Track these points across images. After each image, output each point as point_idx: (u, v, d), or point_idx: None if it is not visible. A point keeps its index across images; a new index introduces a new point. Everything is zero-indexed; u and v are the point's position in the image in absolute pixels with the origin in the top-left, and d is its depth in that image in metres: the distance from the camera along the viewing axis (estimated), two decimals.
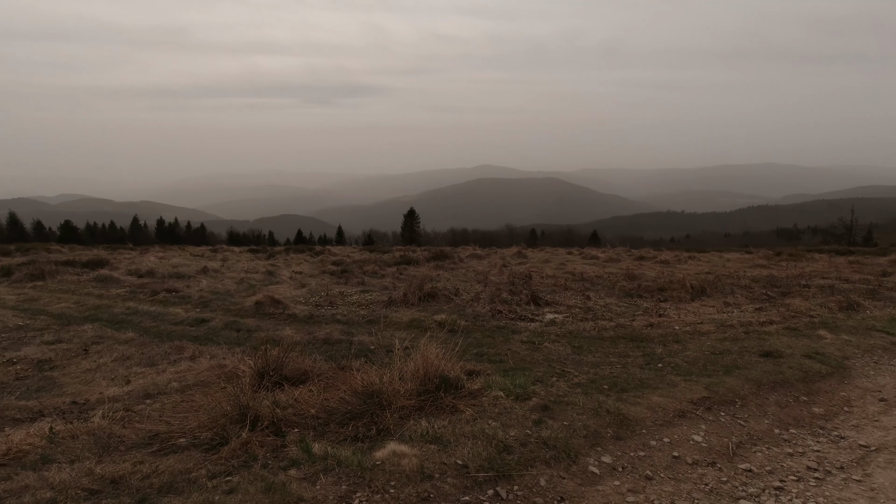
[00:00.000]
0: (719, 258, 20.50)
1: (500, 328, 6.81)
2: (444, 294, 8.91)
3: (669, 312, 8.09)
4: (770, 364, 5.23)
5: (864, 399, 4.64)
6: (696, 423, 3.90)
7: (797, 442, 3.77)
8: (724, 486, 3.15)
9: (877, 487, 3.14)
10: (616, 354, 5.65)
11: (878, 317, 8.02)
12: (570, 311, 7.98)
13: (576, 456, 3.30)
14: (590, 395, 4.14)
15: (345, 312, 7.93)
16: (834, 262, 18.24)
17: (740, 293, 10.26)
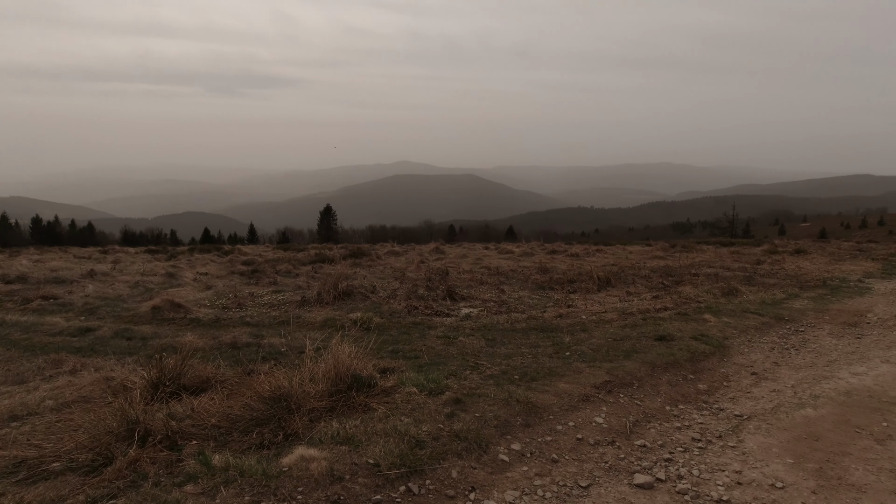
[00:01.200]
0: (623, 251, 22.03)
1: (417, 324, 6.82)
2: (361, 292, 8.76)
3: (577, 303, 8.55)
4: (663, 347, 5.69)
5: (740, 374, 5.19)
6: (599, 406, 4.15)
7: (685, 416, 4.14)
8: (621, 463, 3.37)
9: (747, 451, 3.52)
10: (528, 345, 5.86)
11: (752, 300, 9.02)
12: (485, 304, 8.17)
13: (487, 445, 3.38)
14: (501, 386, 4.25)
15: (254, 314, 7.54)
16: (719, 253, 20.31)
17: (640, 283, 11.08)
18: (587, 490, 3.06)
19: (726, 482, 3.15)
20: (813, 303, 9.02)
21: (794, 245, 24.99)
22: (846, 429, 3.87)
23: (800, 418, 4.05)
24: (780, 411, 4.20)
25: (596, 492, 3.05)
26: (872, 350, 6.11)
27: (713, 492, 3.04)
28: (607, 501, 2.95)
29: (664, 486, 3.11)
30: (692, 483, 3.14)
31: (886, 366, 5.46)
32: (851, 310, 8.50)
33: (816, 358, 5.77)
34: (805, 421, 4.00)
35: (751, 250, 21.68)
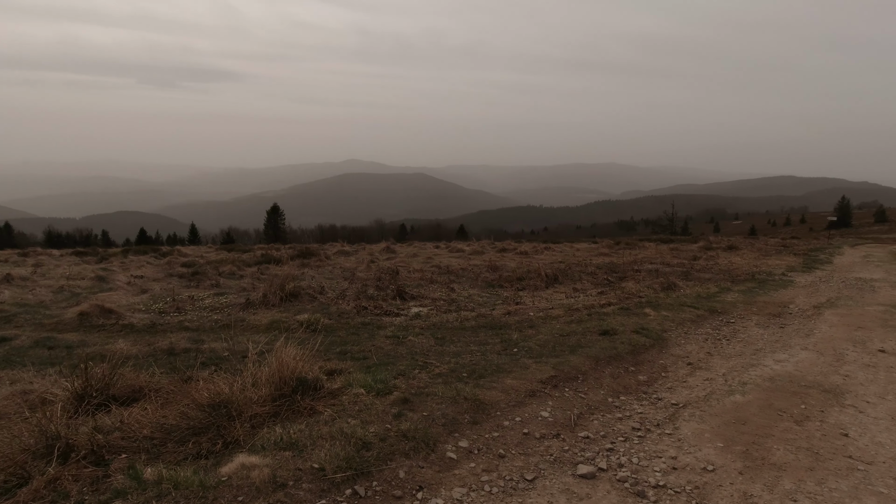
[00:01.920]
0: (571, 248, 22.70)
1: (366, 324, 6.74)
2: (309, 293, 8.56)
3: (526, 300, 8.72)
4: (607, 341, 5.89)
5: (677, 364, 5.45)
6: (545, 401, 4.24)
7: (626, 407, 4.29)
8: (566, 455, 3.46)
9: (682, 437, 3.70)
10: (477, 343, 5.91)
11: (689, 294, 9.51)
12: (435, 303, 8.18)
13: (434, 444, 3.38)
14: (449, 385, 4.27)
15: (195, 318, 7.20)
16: (659, 250, 21.32)
17: (587, 279, 11.43)
18: (533, 483, 3.12)
19: (663, 468, 3.29)
20: (742, 296, 9.61)
21: (726, 242, 26.61)
22: (770, 412, 4.14)
23: (729, 404, 4.30)
24: (712, 398, 4.44)
25: (541, 484, 3.11)
26: (793, 338, 6.58)
27: (651, 478, 3.17)
28: (552, 493, 3.02)
29: (605, 475, 3.22)
30: (632, 471, 3.26)
31: (805, 353, 5.90)
32: (776, 301, 9.13)
33: (745, 347, 6.15)
34: (734, 406, 4.25)
35: (688, 247, 22.88)
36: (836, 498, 2.94)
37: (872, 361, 5.62)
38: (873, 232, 60.68)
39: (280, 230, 62.68)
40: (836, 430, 3.85)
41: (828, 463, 3.34)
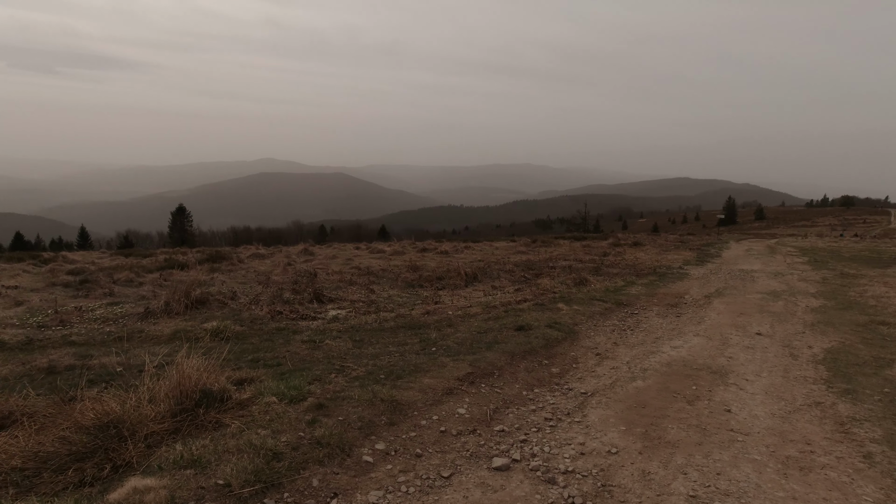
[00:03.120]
0: (490, 247, 23.27)
1: (280, 330, 6.46)
2: (219, 299, 8.05)
3: (445, 299, 8.80)
4: (522, 336, 6.09)
5: (586, 356, 5.76)
6: (462, 398, 4.30)
7: (539, 399, 4.46)
8: (482, 449, 3.53)
9: (590, 424, 3.91)
10: (395, 344, 5.87)
11: (599, 289, 10.09)
12: (354, 305, 8.03)
13: (350, 449, 3.31)
14: (366, 387, 4.20)
15: (82, 332, 6.51)
16: (573, 247, 22.46)
17: (505, 277, 11.77)
18: (449, 479, 3.15)
19: (572, 454, 3.46)
20: (645, 288, 10.37)
21: (633, 239, 28.66)
22: (666, 395, 4.49)
23: (632, 390, 4.61)
24: (616, 385, 4.73)
25: (457, 480, 3.15)
26: (688, 326, 7.20)
27: (561, 464, 3.32)
28: (467, 487, 3.06)
29: (519, 466, 3.32)
30: (543, 459, 3.39)
31: (697, 338, 6.47)
32: (673, 293, 9.94)
33: (646, 336, 6.63)
34: (636, 392, 4.56)
35: (599, 244, 24.34)
36: (720, 467, 3.24)
37: (751, 344, 6.28)
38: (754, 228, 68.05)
39: (187, 233, 58.50)
40: (721, 406, 4.26)
41: (713, 437, 3.68)
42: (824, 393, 4.62)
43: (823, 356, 5.76)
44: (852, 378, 4.99)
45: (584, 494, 2.99)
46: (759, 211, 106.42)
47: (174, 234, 58.32)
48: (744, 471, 3.21)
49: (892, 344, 6.24)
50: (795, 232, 55.00)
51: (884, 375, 5.05)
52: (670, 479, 3.11)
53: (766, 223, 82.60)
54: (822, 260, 17.09)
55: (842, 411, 4.18)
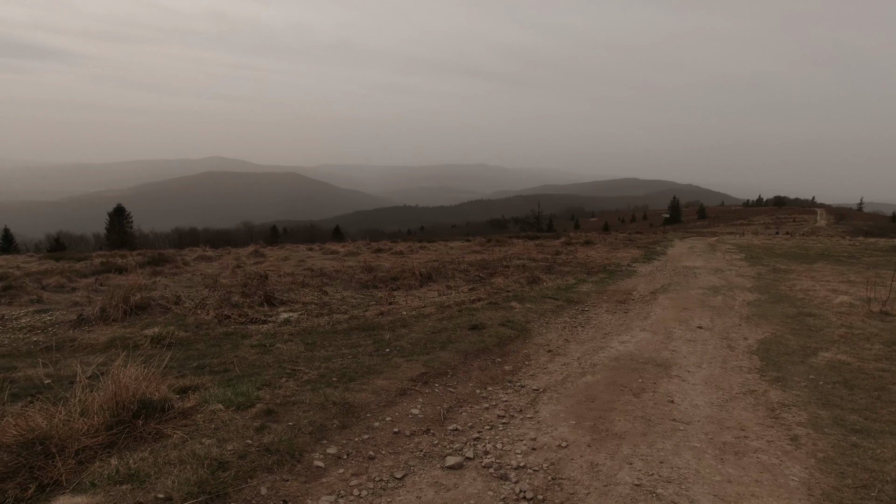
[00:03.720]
0: (445, 247, 23.33)
1: (228, 334, 6.23)
2: (161, 304, 7.68)
3: (400, 300, 8.76)
4: (476, 335, 6.14)
5: (539, 353, 5.87)
6: (415, 398, 4.29)
7: (492, 397, 4.51)
8: (435, 449, 3.53)
9: (541, 420, 3.99)
10: (349, 346, 5.79)
11: (551, 287, 10.31)
12: (307, 308, 7.86)
13: (301, 454, 3.23)
14: (318, 391, 4.12)
15: (5, 342, 6.04)
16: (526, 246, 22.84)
17: (459, 276, 11.82)
18: (402, 481, 3.13)
19: (524, 450, 3.51)
20: (595, 286, 10.69)
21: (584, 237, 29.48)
22: (614, 388, 4.64)
23: (582, 385, 4.74)
24: (567, 381, 4.85)
25: (411, 480, 3.14)
26: (635, 321, 7.47)
27: (513, 460, 3.37)
28: (420, 488, 3.06)
29: (472, 464, 3.34)
30: (496, 456, 3.43)
31: (644, 333, 6.73)
32: (622, 290, 10.30)
33: (596, 332, 6.83)
34: (585, 386, 4.69)
35: (552, 243, 24.89)
36: (663, 456, 3.38)
37: (693, 337, 6.59)
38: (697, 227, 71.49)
39: (127, 234, 55.47)
40: (665, 398, 4.45)
41: (657, 427, 3.84)
42: (758, 381, 4.91)
43: (757, 347, 6.11)
44: (782, 366, 5.32)
45: (535, 489, 3.05)
46: (701, 210, 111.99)
47: (112, 235, 55.15)
48: (685, 458, 3.37)
49: (816, 334, 6.70)
50: (734, 230, 58.23)
51: (809, 363, 5.42)
52: (617, 470, 3.22)
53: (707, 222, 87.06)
54: (757, 256, 18.14)
55: (773, 398, 4.45)
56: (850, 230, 52.49)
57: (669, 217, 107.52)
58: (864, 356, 5.64)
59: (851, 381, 4.85)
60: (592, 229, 78.13)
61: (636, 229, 63.77)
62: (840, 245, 25.62)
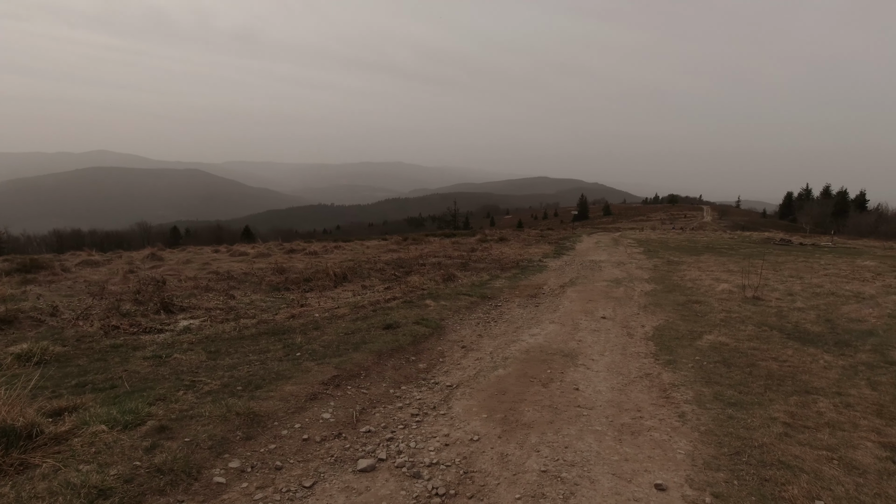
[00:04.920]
0: (361, 246, 22.96)
1: (117, 347, 5.66)
2: (33, 316, 6.81)
3: (312, 301, 8.47)
4: (390, 335, 6.08)
5: (453, 349, 5.94)
6: (326, 402, 4.15)
7: (406, 396, 4.49)
8: (347, 453, 3.44)
9: (454, 415, 4.03)
10: (256, 352, 5.48)
11: (465, 283, 10.49)
12: (210, 313, 7.35)
13: (199, 471, 3.00)
14: (219, 402, 3.85)
15: None
16: (443, 244, 23.09)
17: (375, 276, 11.67)
18: (311, 489, 3.01)
19: (437, 446, 3.53)
20: (508, 281, 11.03)
21: (499, 234, 30.36)
22: (524, 380, 4.80)
23: (494, 378, 4.85)
24: (480, 376, 4.95)
25: (320, 488, 3.03)
26: (545, 314, 7.79)
27: (426, 458, 3.37)
28: (331, 494, 2.96)
29: (385, 465, 3.30)
30: (409, 455, 3.41)
31: (553, 325, 7.04)
32: (533, 284, 10.72)
33: (508, 326, 7.04)
34: (497, 380, 4.81)
35: (467, 240, 25.36)
36: (568, 441, 3.55)
37: (597, 327, 7.00)
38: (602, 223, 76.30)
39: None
40: (571, 386, 4.68)
41: (563, 414, 4.02)
42: (652, 365, 5.31)
43: (653, 333, 6.62)
44: (673, 350, 5.81)
45: (447, 484, 3.06)
46: (606, 208, 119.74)
47: None
48: (587, 441, 3.55)
49: (702, 319, 7.40)
50: (635, 225, 62.87)
51: (695, 346, 5.96)
52: (525, 458, 3.32)
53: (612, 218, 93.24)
54: (654, 250, 19.72)
55: (665, 379, 4.84)
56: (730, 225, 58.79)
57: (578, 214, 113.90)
58: (740, 337, 6.32)
59: (729, 359, 5.40)
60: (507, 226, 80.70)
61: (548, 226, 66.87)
62: (722, 238, 28.61)
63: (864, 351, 5.73)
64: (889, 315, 7.44)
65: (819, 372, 5.01)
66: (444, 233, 37.99)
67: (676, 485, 3.02)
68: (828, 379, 4.81)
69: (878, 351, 5.71)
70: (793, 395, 4.36)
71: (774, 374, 4.94)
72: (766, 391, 4.47)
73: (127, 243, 47.98)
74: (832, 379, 4.81)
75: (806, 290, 9.83)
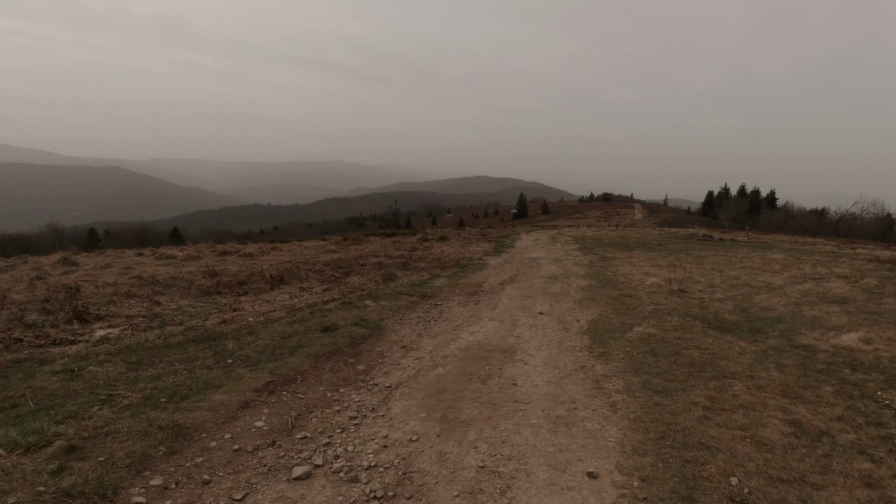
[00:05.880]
0: (299, 247, 22.30)
1: (20, 361, 5.14)
2: None
3: (247, 305, 8.12)
4: (328, 337, 5.94)
5: (392, 349, 5.88)
6: (260, 410, 3.99)
7: (344, 399, 4.39)
8: (281, 461, 3.31)
9: (393, 416, 3.99)
10: (184, 360, 5.18)
11: (406, 283, 10.43)
12: (131, 321, 6.87)
13: (114, 492, 2.79)
14: (140, 416, 3.60)
15: None
16: (384, 244, 22.87)
17: (314, 277, 11.37)
18: (243, 501, 2.88)
19: (375, 448, 3.47)
20: (448, 280, 11.08)
21: (440, 233, 30.48)
22: (463, 378, 4.83)
23: (433, 377, 4.85)
24: (419, 375, 4.93)
25: (252, 499, 2.90)
26: (484, 312, 7.89)
27: (364, 461, 3.31)
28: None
29: (321, 471, 3.21)
30: (347, 459, 3.34)
31: (492, 323, 7.13)
32: (473, 282, 10.83)
33: (448, 325, 7.07)
34: (437, 378, 4.81)
35: (409, 239, 25.27)
36: (505, 436, 3.61)
37: (535, 322, 7.17)
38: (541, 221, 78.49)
39: None
40: (509, 382, 4.75)
41: (501, 410, 4.08)
42: (587, 357, 5.51)
43: (587, 327, 6.87)
44: (606, 342, 6.06)
45: (385, 486, 3.02)
46: (544, 206, 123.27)
47: None
48: (524, 435, 3.63)
49: (632, 311, 7.76)
50: (572, 223, 65.17)
51: (626, 338, 6.25)
52: (463, 455, 3.34)
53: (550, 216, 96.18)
54: (589, 247, 20.50)
55: (598, 371, 5.03)
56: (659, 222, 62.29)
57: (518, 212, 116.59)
58: (666, 327, 6.68)
59: (657, 349, 5.70)
60: (448, 225, 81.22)
61: (488, 224, 67.90)
62: (651, 235, 30.23)
63: (773, 336, 6.23)
64: (794, 303, 8.14)
65: (735, 358, 5.39)
66: (385, 232, 37.66)
67: (607, 471, 3.15)
68: (742, 364, 5.19)
69: (784, 336, 6.23)
70: (712, 381, 4.67)
71: (696, 361, 5.27)
72: (689, 378, 4.75)
73: (34, 247, 43.94)
74: (746, 364, 5.19)
75: (725, 282, 10.56)
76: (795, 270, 12.06)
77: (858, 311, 7.54)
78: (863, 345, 5.73)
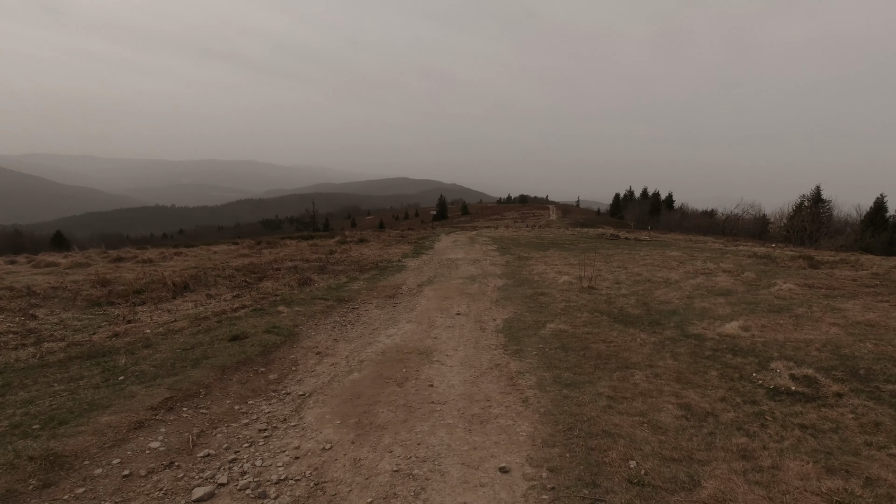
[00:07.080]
0: (207, 251, 20.90)
1: None
2: None
3: (143, 316, 7.46)
4: (237, 347, 5.60)
5: (307, 356, 5.67)
6: (156, 429, 3.66)
7: (253, 411, 4.16)
8: (180, 483, 3.07)
9: (306, 425, 3.84)
10: (64, 380, 4.64)
11: (322, 287, 10.13)
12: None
13: None
14: (6, 447, 3.17)
15: None
16: (300, 247, 22.06)
17: (223, 283, 10.70)
18: None
19: (286, 461, 3.32)
20: (367, 283, 10.91)
21: (359, 235, 29.99)
22: (379, 381, 4.77)
23: (348, 383, 4.73)
24: (334, 381, 4.79)
25: None
26: (402, 314, 7.85)
27: (273, 475, 3.15)
28: None
29: (226, 490, 3.01)
30: (254, 475, 3.16)
31: (409, 325, 7.11)
32: (392, 285, 10.75)
33: (365, 329, 6.95)
34: (352, 384, 4.71)
35: (326, 242, 24.59)
36: (420, 438, 3.60)
37: (452, 323, 7.25)
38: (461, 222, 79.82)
39: None
40: (426, 383, 4.76)
41: (417, 412, 4.07)
42: (502, 355, 5.65)
43: (503, 326, 7.06)
44: (520, 340, 6.25)
45: (296, 499, 2.90)
46: (464, 207, 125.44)
47: None
48: (439, 436, 3.64)
49: (546, 309, 8.09)
50: (490, 224, 66.84)
51: (540, 335, 6.49)
52: (378, 460, 3.29)
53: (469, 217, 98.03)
54: (506, 247, 21.13)
55: (512, 368, 5.17)
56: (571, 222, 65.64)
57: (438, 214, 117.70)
58: (576, 323, 7.04)
59: (567, 344, 5.98)
60: (368, 227, 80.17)
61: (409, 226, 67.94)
62: (565, 235, 31.79)
63: (669, 328, 6.78)
64: (688, 297, 8.92)
65: (637, 349, 5.79)
66: (301, 235, 36.36)
67: (518, 465, 3.24)
68: (643, 354, 5.59)
69: (679, 327, 6.80)
70: (616, 371, 4.97)
71: (603, 354, 5.59)
72: (596, 370, 5.03)
73: None
74: (646, 354, 5.60)
75: (629, 278, 11.34)
76: (689, 266, 13.23)
77: (739, 301, 8.42)
78: (742, 332, 6.40)
